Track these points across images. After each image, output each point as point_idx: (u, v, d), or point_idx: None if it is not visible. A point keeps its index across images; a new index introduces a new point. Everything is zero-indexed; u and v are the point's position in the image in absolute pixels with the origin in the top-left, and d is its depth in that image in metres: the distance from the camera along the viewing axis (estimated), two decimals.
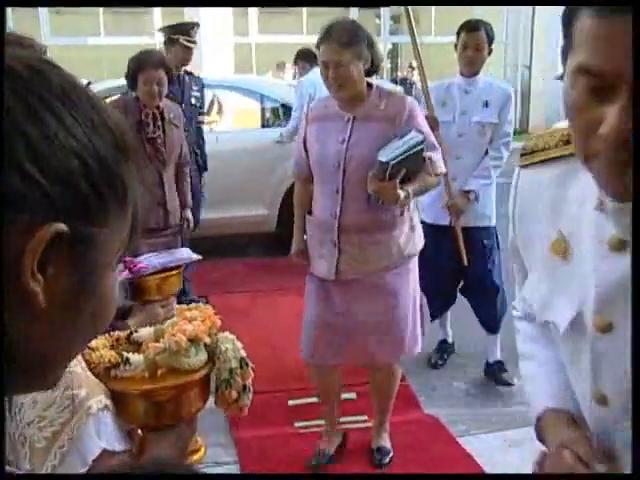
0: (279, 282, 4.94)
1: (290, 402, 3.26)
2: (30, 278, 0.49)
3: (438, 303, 3.68)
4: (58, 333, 0.54)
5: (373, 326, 2.67)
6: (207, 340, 1.24)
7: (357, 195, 2.54)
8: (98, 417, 1.03)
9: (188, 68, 4.69)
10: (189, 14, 11.83)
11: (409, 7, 3.23)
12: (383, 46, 16.05)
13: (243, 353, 1.28)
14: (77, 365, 1.08)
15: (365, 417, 3.13)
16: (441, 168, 2.69)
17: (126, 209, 0.56)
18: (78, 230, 0.51)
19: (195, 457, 2.11)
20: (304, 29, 14.06)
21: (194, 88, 4.60)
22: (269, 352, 3.66)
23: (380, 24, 15.06)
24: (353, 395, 3.21)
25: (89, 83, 7.62)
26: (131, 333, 1.30)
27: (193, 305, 1.36)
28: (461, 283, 3.70)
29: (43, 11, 12.60)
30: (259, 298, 4.82)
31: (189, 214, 3.87)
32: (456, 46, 3.43)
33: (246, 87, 6.29)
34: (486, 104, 3.39)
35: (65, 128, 0.50)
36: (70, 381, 1.05)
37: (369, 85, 2.63)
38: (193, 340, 1.22)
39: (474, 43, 3.37)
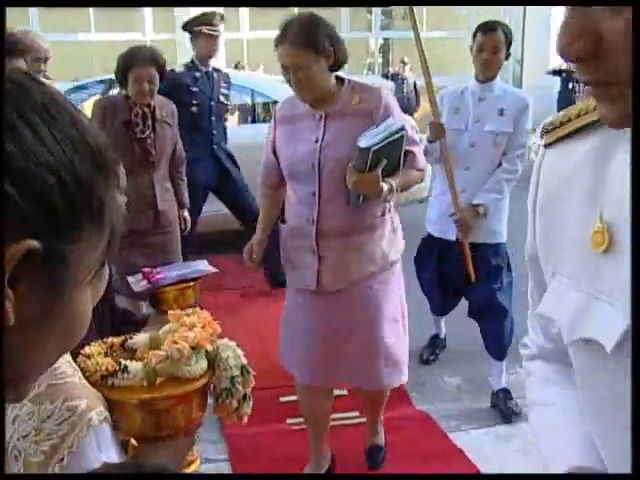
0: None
1: (282, 399, 3.27)
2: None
3: (436, 311, 3.77)
4: (27, 349, 0.53)
5: (360, 344, 2.50)
6: (209, 347, 1.21)
7: (335, 197, 2.38)
8: (98, 429, 1.01)
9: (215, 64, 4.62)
10: (179, 10, 11.79)
11: (413, 7, 3.04)
12: (374, 41, 16.08)
13: (244, 360, 1.26)
14: (75, 375, 1.04)
15: (357, 413, 3.14)
16: (423, 163, 2.54)
17: (102, 226, 0.55)
18: (51, 247, 0.49)
19: (191, 468, 2.08)
20: None
21: (223, 85, 4.55)
22: (260, 348, 3.65)
23: (371, 19, 15.06)
24: (344, 392, 3.21)
25: (75, 79, 7.58)
26: (125, 340, 1.26)
27: (190, 311, 1.33)
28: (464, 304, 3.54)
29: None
30: (251, 295, 4.81)
31: (186, 214, 3.74)
32: (471, 48, 3.22)
33: (237, 83, 6.26)
34: (501, 112, 3.17)
35: (42, 143, 0.49)
36: (68, 392, 1.00)
37: (340, 80, 2.46)
38: (195, 348, 1.19)
39: (491, 45, 3.14)
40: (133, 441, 1.21)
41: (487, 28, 3.18)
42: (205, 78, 4.38)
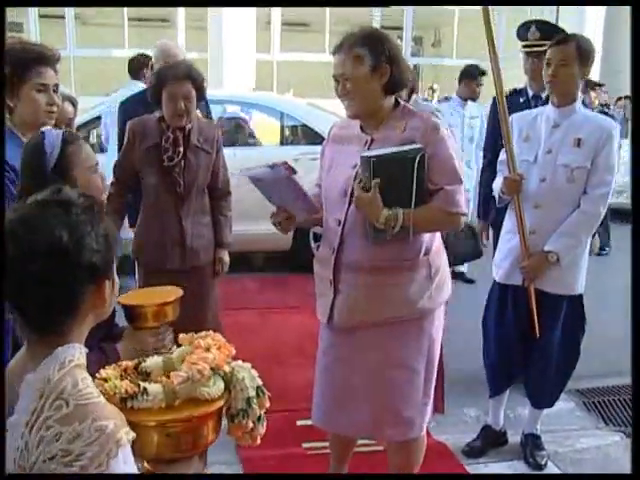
0: (291, 299, 4.94)
1: (299, 422, 3.23)
2: None
3: (499, 378, 3.11)
4: None
5: (369, 393, 2.29)
6: (226, 369, 1.24)
7: (359, 229, 2.18)
8: (126, 449, 1.02)
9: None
10: (212, 29, 11.97)
11: (489, 7, 2.55)
12: None
13: (259, 381, 1.28)
14: (99, 396, 1.05)
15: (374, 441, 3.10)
16: (456, 206, 2.18)
17: None
18: None
19: None
20: (326, 47, 14.15)
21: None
22: (279, 370, 3.65)
23: (401, 45, 15.15)
24: None
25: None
26: (138, 363, 1.29)
27: (203, 333, 1.34)
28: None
29: (69, 21, 12.80)
30: (270, 315, 4.81)
31: (223, 255, 3.20)
32: (532, 55, 2.90)
33: (266, 105, 6.33)
34: (578, 143, 2.70)
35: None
36: (96, 412, 1.01)
37: (397, 103, 2.26)
38: (214, 369, 1.22)
39: (558, 58, 2.69)
40: (147, 465, 1.21)
41: (557, 41, 2.77)
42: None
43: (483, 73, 5.53)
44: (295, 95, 9.80)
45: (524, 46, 3.62)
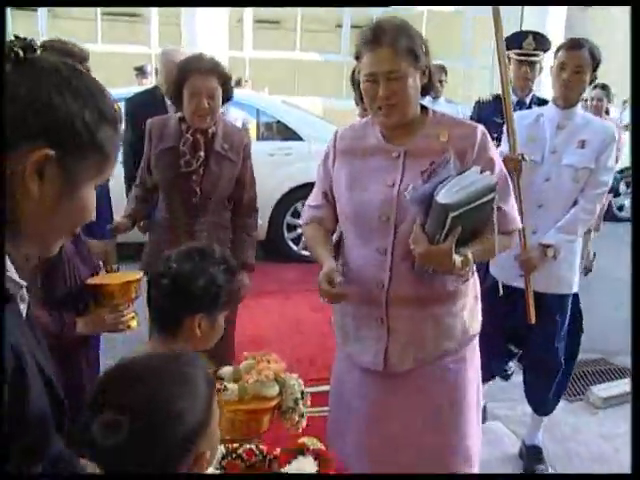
0: (264, 287, 5.23)
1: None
2: (29, 179, 0.85)
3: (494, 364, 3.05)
4: (47, 218, 0.90)
5: (425, 432, 2.00)
6: (281, 376, 1.80)
7: (413, 257, 1.85)
8: None
9: None
10: (186, 24, 12.14)
11: (499, 7, 2.47)
12: None
13: (303, 387, 1.85)
14: None
15: None
16: (515, 223, 2.00)
17: (100, 153, 0.92)
18: (67, 156, 0.87)
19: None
20: (297, 45, 14.41)
21: None
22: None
23: None
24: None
25: None
26: (216, 371, 1.83)
27: (262, 353, 1.92)
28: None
29: (42, 14, 12.83)
30: (247, 301, 5.07)
31: (243, 277, 2.77)
32: (551, 69, 2.84)
33: (242, 101, 6.61)
34: (582, 144, 2.76)
35: (76, 102, 0.89)
36: None
37: (423, 108, 1.97)
38: (275, 375, 1.78)
39: (574, 64, 2.73)
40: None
41: (572, 44, 2.79)
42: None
43: (443, 69, 5.77)
44: (270, 93, 10.09)
45: (520, 54, 3.73)
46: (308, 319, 4.67)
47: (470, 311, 2.01)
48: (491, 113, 3.77)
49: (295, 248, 6.23)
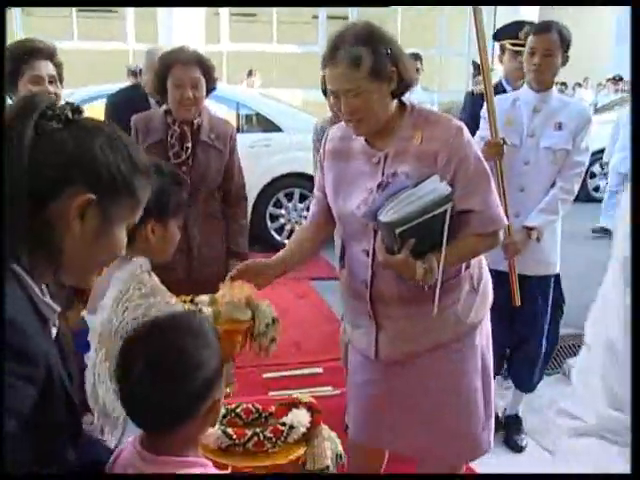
0: None
1: (264, 375, 3.65)
2: (73, 219, 1.02)
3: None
4: (86, 252, 1.07)
5: (427, 419, 2.04)
6: (253, 302, 1.83)
7: None
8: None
9: None
10: (162, 20, 12.13)
11: (476, 7, 2.54)
12: None
13: (275, 314, 1.85)
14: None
15: (329, 388, 3.49)
16: (496, 224, 1.92)
17: (133, 199, 1.10)
18: (104, 200, 1.04)
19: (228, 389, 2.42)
20: (274, 37, 14.44)
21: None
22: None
23: None
24: (320, 370, 3.61)
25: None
26: (193, 298, 1.89)
27: (237, 283, 1.92)
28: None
29: (16, 12, 12.72)
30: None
31: (237, 266, 2.66)
32: (521, 54, 2.88)
33: (221, 95, 6.68)
34: (559, 126, 2.80)
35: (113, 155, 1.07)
36: (163, 294, 1.74)
37: (403, 106, 1.93)
38: (246, 300, 1.81)
39: (543, 47, 2.77)
40: None
41: (539, 28, 2.84)
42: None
43: (417, 57, 5.84)
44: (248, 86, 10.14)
45: (515, 44, 3.54)
46: (293, 306, 4.79)
47: (466, 302, 1.99)
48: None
49: (278, 238, 6.31)
